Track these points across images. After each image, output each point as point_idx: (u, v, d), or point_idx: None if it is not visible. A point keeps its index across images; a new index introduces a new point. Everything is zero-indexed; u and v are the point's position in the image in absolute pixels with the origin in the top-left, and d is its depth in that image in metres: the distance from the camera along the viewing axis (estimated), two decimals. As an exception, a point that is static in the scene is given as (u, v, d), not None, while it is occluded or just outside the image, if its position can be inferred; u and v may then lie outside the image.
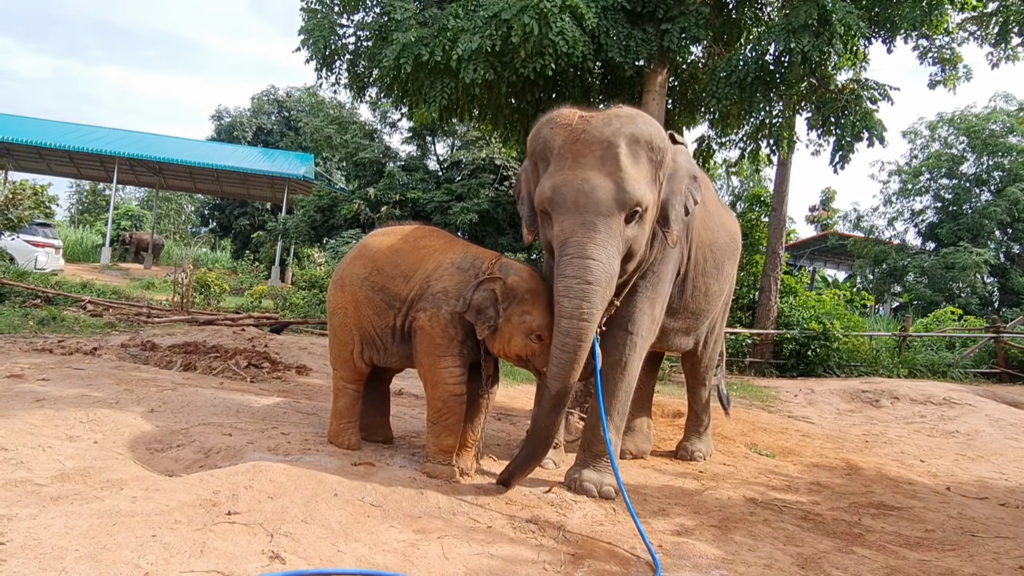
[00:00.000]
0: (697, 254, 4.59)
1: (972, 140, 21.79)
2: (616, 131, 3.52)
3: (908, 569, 3.32)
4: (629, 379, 4.08)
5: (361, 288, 3.92)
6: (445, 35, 5.90)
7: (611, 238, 3.46)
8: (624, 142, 3.51)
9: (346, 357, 4.03)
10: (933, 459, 6.31)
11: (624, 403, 4.10)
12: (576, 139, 3.54)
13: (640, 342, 4.10)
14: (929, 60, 8.23)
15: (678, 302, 4.60)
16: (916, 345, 12.66)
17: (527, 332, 3.61)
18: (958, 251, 19.71)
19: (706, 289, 4.75)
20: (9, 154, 23.76)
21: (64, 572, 2.28)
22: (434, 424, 3.76)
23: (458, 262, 3.84)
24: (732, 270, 5.13)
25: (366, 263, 3.96)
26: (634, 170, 3.52)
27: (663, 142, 3.72)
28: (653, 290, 4.12)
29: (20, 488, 2.93)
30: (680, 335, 4.88)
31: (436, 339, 3.70)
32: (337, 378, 4.12)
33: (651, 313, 4.15)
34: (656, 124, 3.78)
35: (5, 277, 10.87)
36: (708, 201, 4.80)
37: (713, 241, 4.75)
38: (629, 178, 3.48)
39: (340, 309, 4.03)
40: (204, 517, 2.82)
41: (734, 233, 5.15)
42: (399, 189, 18.25)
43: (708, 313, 4.95)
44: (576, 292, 3.39)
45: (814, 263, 29.73)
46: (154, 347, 6.98)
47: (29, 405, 4.17)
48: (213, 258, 29.84)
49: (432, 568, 2.73)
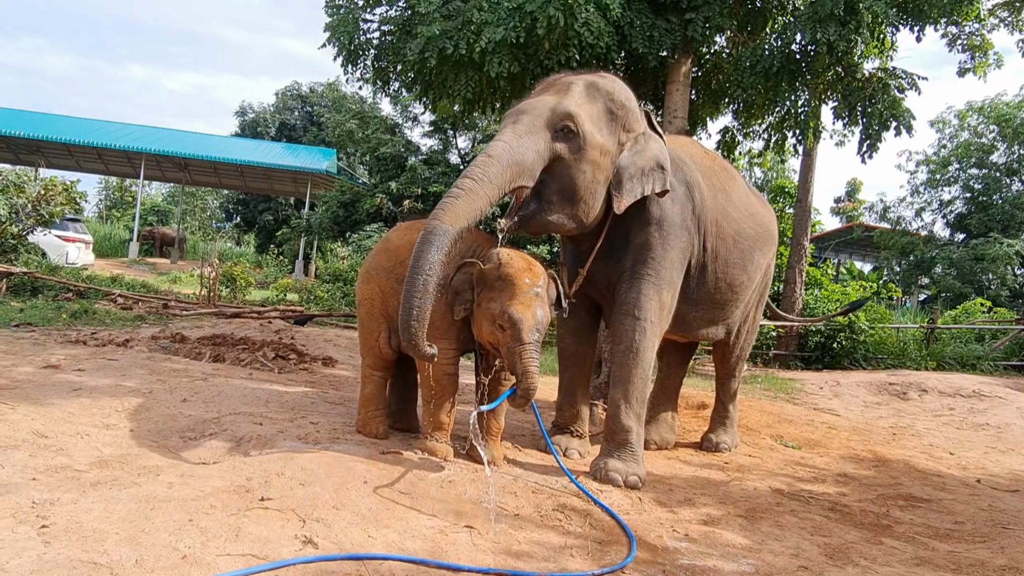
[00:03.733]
0: (718, 245, 4.57)
1: (1003, 129, 21.34)
2: (578, 77, 4.01)
3: (938, 560, 3.30)
4: (643, 365, 4.09)
5: (387, 280, 4.04)
6: (469, 28, 5.90)
7: (530, 132, 3.66)
8: (582, 83, 3.95)
9: (372, 343, 4.15)
10: (962, 452, 6.23)
11: (640, 389, 4.09)
12: (547, 85, 4.09)
13: (649, 328, 4.09)
14: (959, 47, 8.10)
15: (699, 292, 4.60)
16: (944, 337, 12.48)
17: (491, 319, 3.56)
18: (988, 242, 19.35)
19: (731, 280, 4.71)
20: (39, 151, 24.19)
21: (105, 554, 2.35)
22: (427, 402, 3.91)
23: (464, 251, 3.86)
24: (763, 260, 5.02)
25: (390, 256, 4.13)
26: (581, 100, 3.85)
27: (628, 102, 4.05)
28: (656, 276, 4.13)
29: (61, 474, 3.01)
30: (707, 324, 4.87)
31: (435, 322, 3.68)
32: (365, 366, 4.25)
33: (658, 299, 4.15)
34: (626, 89, 4.13)
35: (38, 271, 11.11)
36: (732, 191, 4.79)
37: (738, 231, 4.71)
38: (570, 97, 3.82)
39: (367, 300, 4.20)
40: (238, 503, 2.88)
41: (765, 223, 5.04)
42: (421, 183, 18.31)
43: (736, 303, 4.90)
44: (474, 163, 3.58)
45: (839, 255, 29.36)
46: (184, 339, 7.10)
47: (67, 394, 4.28)
48: (238, 253, 30.18)
49: (461, 554, 2.77)
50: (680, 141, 4.92)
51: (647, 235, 4.16)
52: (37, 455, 3.18)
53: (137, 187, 28.67)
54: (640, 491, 3.87)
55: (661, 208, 4.18)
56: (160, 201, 38.48)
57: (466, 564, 2.67)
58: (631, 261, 4.17)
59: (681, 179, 4.34)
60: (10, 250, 11.73)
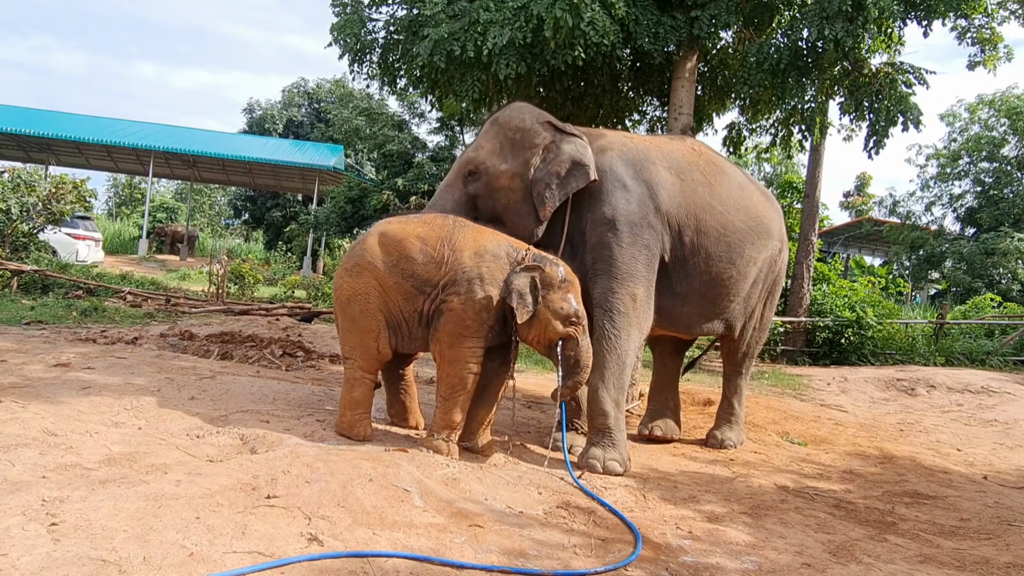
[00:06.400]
0: (699, 239, 4.66)
1: (1014, 122, 21.12)
2: (491, 119, 4.71)
3: (942, 557, 3.30)
4: (617, 352, 4.29)
5: (390, 274, 3.92)
6: (475, 29, 5.89)
7: (449, 185, 4.62)
8: (488, 124, 4.68)
9: (368, 344, 3.97)
10: (970, 448, 6.21)
11: (617, 375, 4.29)
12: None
13: (618, 317, 4.33)
14: (968, 40, 8.04)
15: (682, 286, 4.72)
16: (954, 333, 12.39)
17: (564, 318, 3.85)
18: (999, 236, 19.18)
19: (717, 274, 4.75)
20: (49, 149, 24.34)
21: (114, 551, 2.38)
22: (446, 400, 3.89)
23: (493, 249, 3.93)
24: (758, 254, 4.95)
25: (391, 250, 3.96)
26: (483, 141, 4.58)
27: (523, 123, 4.52)
28: (616, 270, 4.40)
29: (70, 472, 3.05)
30: (702, 320, 4.94)
31: (467, 321, 3.81)
32: (354, 368, 4.04)
33: (624, 291, 4.37)
34: (524, 111, 4.61)
35: (49, 269, 11.19)
36: (718, 185, 4.82)
37: (724, 225, 4.73)
38: (475, 145, 4.63)
39: (360, 296, 3.97)
40: (245, 500, 2.91)
41: (760, 217, 4.98)
42: (428, 180, 18.33)
43: (728, 298, 4.90)
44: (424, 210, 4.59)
45: (848, 250, 29.20)
46: (192, 336, 7.15)
47: (76, 393, 4.32)
48: (246, 249, 30.25)
49: (465, 552, 2.79)
50: (657, 141, 5.00)
51: (601, 235, 4.43)
52: (47, 453, 3.23)
53: (146, 184, 28.78)
54: (645, 487, 3.88)
55: (614, 208, 4.43)
56: (169, 198, 38.63)
57: (470, 561, 2.69)
58: (591, 260, 4.45)
59: (641, 179, 4.55)
60: (21, 248, 11.83)
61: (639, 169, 4.58)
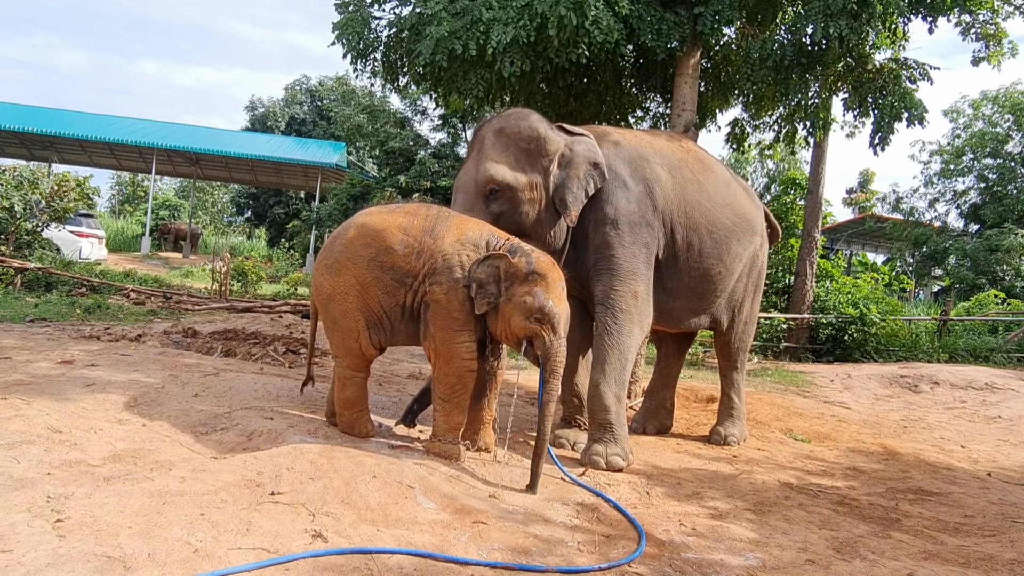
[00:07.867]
0: (690, 236, 4.74)
1: (1018, 118, 21.08)
2: (487, 128, 4.43)
3: (946, 554, 3.30)
4: (619, 348, 4.30)
5: (368, 269, 3.79)
6: (478, 28, 5.88)
7: (469, 209, 4.22)
8: (491, 136, 4.37)
9: (352, 345, 3.88)
10: (974, 445, 6.20)
11: (618, 370, 4.30)
12: (470, 143, 4.54)
13: (621, 315, 4.35)
14: (972, 36, 8.00)
15: (674, 282, 4.77)
16: (957, 329, 12.37)
17: (527, 312, 3.61)
18: (1002, 233, 19.15)
19: (706, 269, 4.84)
20: (52, 147, 24.37)
21: (119, 548, 2.39)
22: (446, 401, 3.75)
23: (474, 238, 3.82)
24: (743, 250, 5.06)
25: (370, 243, 3.82)
26: (495, 155, 4.29)
27: (533, 131, 4.37)
28: (618, 269, 4.42)
29: (75, 468, 3.06)
30: (691, 315, 5.02)
31: (453, 313, 3.68)
32: (343, 367, 3.97)
33: (626, 289, 4.39)
34: (532, 118, 4.45)
35: (52, 267, 11.21)
36: (707, 183, 4.90)
37: (712, 222, 4.82)
38: (485, 159, 4.29)
39: (340, 294, 3.85)
40: (249, 497, 2.92)
41: (745, 213, 5.08)
42: (430, 177, 18.32)
43: (716, 293, 4.99)
44: None
45: (851, 246, 29.15)
46: (195, 334, 7.16)
47: (81, 389, 4.33)
48: (249, 247, 30.29)
49: (469, 548, 2.80)
50: (647, 137, 5.01)
51: (603, 235, 4.45)
52: (52, 450, 3.23)
53: (149, 182, 28.82)
54: (648, 484, 3.88)
55: (615, 208, 4.45)
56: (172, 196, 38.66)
57: (474, 558, 2.69)
58: (593, 260, 4.47)
59: (639, 177, 4.59)
60: (24, 246, 11.85)
61: (636, 167, 4.62)
